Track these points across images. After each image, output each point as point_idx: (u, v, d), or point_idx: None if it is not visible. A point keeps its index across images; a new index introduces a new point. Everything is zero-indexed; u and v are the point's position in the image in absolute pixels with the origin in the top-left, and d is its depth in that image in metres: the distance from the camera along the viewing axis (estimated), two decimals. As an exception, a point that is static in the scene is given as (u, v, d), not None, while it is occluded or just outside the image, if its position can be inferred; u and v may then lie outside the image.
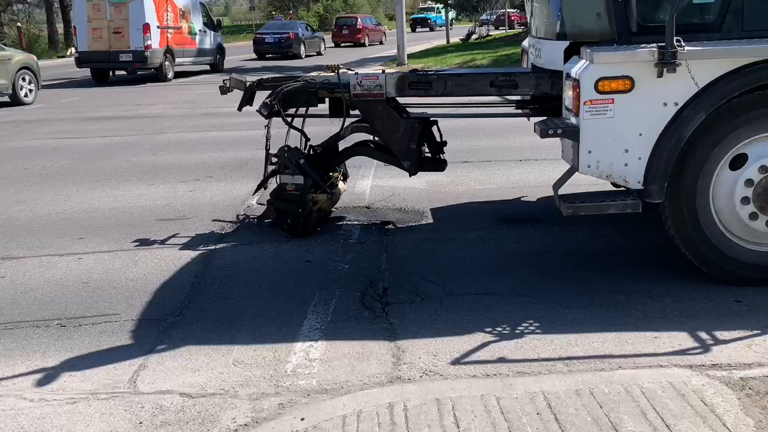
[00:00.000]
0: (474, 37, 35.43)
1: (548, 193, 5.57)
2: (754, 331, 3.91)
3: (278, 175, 5.90)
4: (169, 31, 22.20)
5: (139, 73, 22.38)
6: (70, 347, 4.06)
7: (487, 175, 7.63)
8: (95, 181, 8.16)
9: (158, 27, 21.46)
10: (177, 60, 22.71)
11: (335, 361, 3.79)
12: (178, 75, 23.11)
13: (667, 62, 4.10)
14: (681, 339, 3.87)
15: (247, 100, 6.07)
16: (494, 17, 38.30)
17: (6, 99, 16.26)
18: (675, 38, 4.07)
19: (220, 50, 25.83)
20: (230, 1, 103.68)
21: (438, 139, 5.97)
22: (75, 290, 4.90)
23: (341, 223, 6.20)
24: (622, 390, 3.29)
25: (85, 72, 22.39)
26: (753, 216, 4.41)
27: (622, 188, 4.62)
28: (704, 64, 4.20)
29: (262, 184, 6.25)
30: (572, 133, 4.39)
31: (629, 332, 3.97)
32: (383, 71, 5.56)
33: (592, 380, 3.42)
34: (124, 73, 22.70)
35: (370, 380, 3.59)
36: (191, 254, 5.53)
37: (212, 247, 5.68)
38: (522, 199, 6.80)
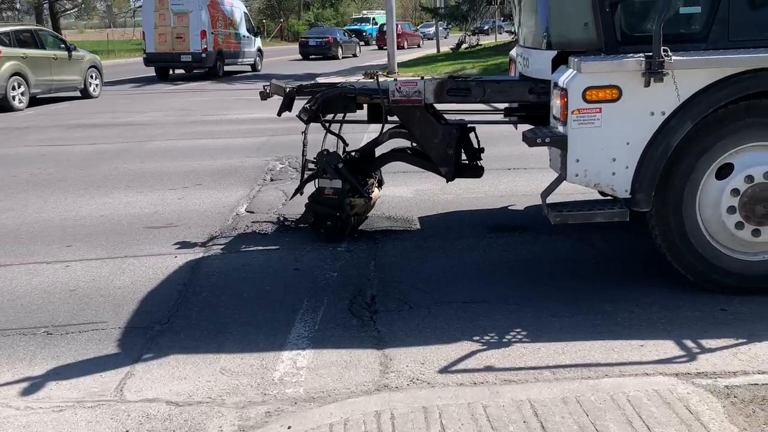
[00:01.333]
0: (464, 46, 35.56)
1: (536, 202, 5.58)
2: (740, 340, 3.93)
3: (316, 179, 5.95)
4: (221, 36, 25.93)
5: (194, 71, 25.82)
6: (57, 355, 4.05)
7: (475, 184, 7.61)
8: (83, 188, 8.13)
9: (212, 33, 25.14)
10: (226, 61, 26.39)
11: (322, 370, 3.79)
12: (226, 74, 26.21)
13: (654, 72, 4.13)
14: (667, 347, 3.88)
15: (286, 105, 6.07)
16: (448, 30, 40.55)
17: (77, 93, 18.37)
18: (662, 48, 4.10)
19: (259, 52, 29.49)
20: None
21: (475, 146, 6.00)
22: (62, 298, 4.88)
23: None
24: (608, 398, 3.31)
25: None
26: (739, 225, 4.43)
27: (610, 197, 4.64)
28: (691, 74, 4.23)
29: (299, 189, 6.26)
30: (560, 142, 4.41)
31: (616, 340, 3.98)
32: (422, 77, 5.59)
33: (578, 388, 3.43)
34: (182, 71, 26.18)
35: (358, 388, 3.59)
36: (179, 262, 5.52)
37: (200, 255, 5.67)
38: (510, 207, 6.82)
